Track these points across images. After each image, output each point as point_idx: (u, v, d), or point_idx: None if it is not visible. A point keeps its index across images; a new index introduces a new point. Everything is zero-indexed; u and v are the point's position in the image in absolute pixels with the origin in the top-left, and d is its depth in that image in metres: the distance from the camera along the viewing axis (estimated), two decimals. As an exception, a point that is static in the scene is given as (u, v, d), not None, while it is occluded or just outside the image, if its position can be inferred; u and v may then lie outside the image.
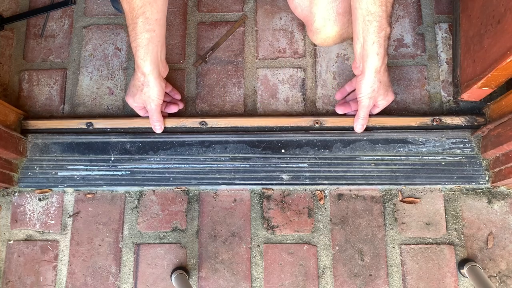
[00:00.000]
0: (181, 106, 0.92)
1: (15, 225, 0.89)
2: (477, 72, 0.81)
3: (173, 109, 0.91)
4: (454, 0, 0.93)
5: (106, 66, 0.96)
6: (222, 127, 0.90)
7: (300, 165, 0.88)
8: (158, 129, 0.88)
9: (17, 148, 0.87)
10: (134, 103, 0.86)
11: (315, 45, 0.96)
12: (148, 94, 0.83)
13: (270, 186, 0.89)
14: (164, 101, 0.87)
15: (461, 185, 0.87)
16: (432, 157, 0.87)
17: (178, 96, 0.92)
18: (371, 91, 0.80)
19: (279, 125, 0.90)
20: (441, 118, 0.88)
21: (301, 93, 0.93)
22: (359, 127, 0.86)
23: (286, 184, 0.88)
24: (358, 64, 0.80)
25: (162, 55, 0.82)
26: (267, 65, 0.95)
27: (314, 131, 0.89)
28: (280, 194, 0.89)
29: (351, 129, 0.89)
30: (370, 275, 0.85)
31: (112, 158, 0.89)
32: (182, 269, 0.85)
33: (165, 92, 0.88)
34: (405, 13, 0.96)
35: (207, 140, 0.89)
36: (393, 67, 0.94)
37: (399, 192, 0.88)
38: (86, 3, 1.00)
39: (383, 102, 0.84)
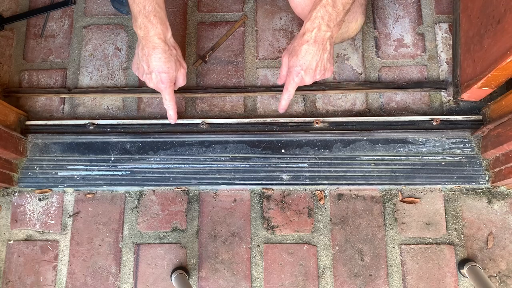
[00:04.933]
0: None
1: (15, 225, 0.89)
2: (477, 72, 0.81)
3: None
4: (454, 0, 0.93)
5: (106, 66, 0.96)
6: (222, 127, 0.90)
7: (300, 165, 0.88)
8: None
9: (17, 148, 0.87)
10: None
11: (315, 45, 0.96)
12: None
13: (270, 186, 0.89)
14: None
15: (461, 185, 0.87)
16: (432, 157, 0.87)
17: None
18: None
19: (279, 125, 0.90)
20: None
21: (301, 93, 0.93)
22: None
23: (286, 184, 0.88)
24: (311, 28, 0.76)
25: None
26: (267, 65, 0.95)
27: (314, 131, 0.89)
28: (280, 194, 0.89)
29: (351, 129, 0.89)
30: (370, 275, 0.85)
31: (112, 158, 0.89)
32: (182, 269, 0.85)
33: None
34: (405, 13, 0.96)
35: (207, 140, 0.89)
36: (393, 67, 0.94)
37: (399, 192, 0.88)
38: (86, 3, 1.00)
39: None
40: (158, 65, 0.79)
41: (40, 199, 0.90)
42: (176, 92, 0.93)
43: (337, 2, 0.73)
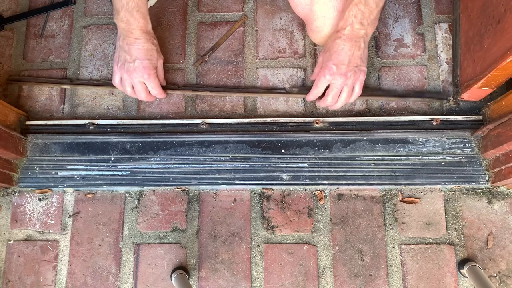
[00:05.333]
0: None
1: (15, 225, 0.89)
2: (477, 72, 0.81)
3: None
4: (454, 0, 0.93)
5: (106, 66, 0.96)
6: (222, 127, 0.90)
7: (300, 165, 0.88)
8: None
9: (17, 148, 0.87)
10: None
11: (315, 45, 0.96)
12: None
13: (270, 186, 0.89)
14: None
15: (461, 185, 0.87)
16: (432, 157, 0.87)
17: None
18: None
19: (279, 125, 0.90)
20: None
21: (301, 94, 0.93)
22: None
23: (286, 184, 0.88)
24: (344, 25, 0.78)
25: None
26: (267, 65, 0.95)
27: (314, 131, 0.89)
28: (280, 194, 0.89)
29: (351, 129, 0.89)
30: (370, 275, 0.85)
31: (112, 158, 0.89)
32: (182, 269, 0.85)
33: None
34: (405, 13, 0.96)
35: (207, 140, 0.89)
36: (393, 67, 0.94)
37: (399, 192, 0.88)
38: (86, 3, 1.00)
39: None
40: (142, 53, 0.82)
41: (40, 199, 0.90)
42: (176, 89, 0.93)
43: (369, 0, 0.74)
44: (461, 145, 0.87)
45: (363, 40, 0.79)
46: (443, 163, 0.87)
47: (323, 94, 0.85)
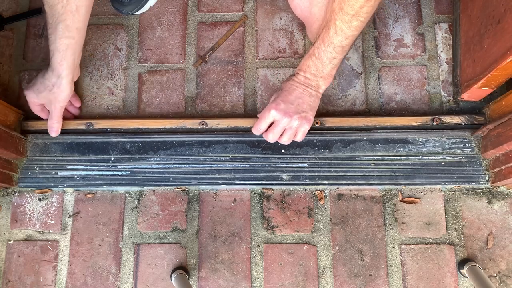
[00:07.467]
0: (76, 113, 0.93)
1: (15, 225, 0.89)
2: (477, 72, 0.81)
3: (67, 115, 0.92)
4: (454, 0, 0.93)
5: (106, 66, 0.96)
6: (222, 127, 0.90)
7: (300, 165, 0.88)
8: (55, 130, 0.87)
9: (17, 148, 0.87)
10: (36, 99, 0.85)
11: (315, 45, 0.96)
12: (56, 95, 0.83)
13: (270, 186, 0.89)
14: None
15: (461, 185, 0.87)
16: (432, 157, 0.87)
17: (78, 104, 0.92)
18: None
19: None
20: (441, 117, 0.88)
21: (301, 93, 0.93)
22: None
23: (286, 184, 0.88)
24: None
25: (78, 61, 0.84)
26: (267, 65, 0.95)
27: (314, 131, 0.89)
28: (280, 194, 0.89)
29: (351, 129, 0.89)
30: (370, 275, 0.85)
31: (112, 158, 0.89)
32: (182, 269, 0.85)
33: None
34: (405, 13, 0.96)
35: (207, 140, 0.89)
36: (393, 67, 0.94)
37: (399, 192, 0.88)
38: (86, 3, 1.00)
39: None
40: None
41: (40, 199, 0.90)
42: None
43: (322, 55, 0.78)
44: (461, 145, 0.87)
45: (314, 90, 0.82)
46: (443, 163, 0.87)
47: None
